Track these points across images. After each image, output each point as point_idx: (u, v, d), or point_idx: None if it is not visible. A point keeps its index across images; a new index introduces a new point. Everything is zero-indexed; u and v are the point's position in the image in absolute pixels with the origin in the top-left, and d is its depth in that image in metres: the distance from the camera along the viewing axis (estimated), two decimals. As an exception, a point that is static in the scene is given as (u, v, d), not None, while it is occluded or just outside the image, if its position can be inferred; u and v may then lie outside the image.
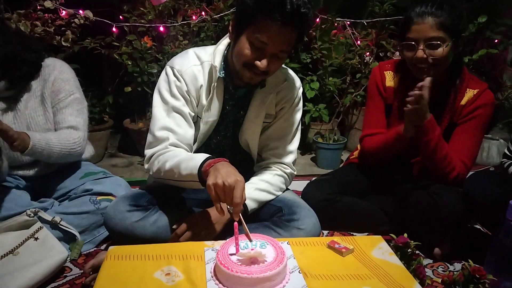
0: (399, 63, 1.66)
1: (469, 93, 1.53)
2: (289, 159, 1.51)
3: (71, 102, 1.60)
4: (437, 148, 1.46)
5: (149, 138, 1.35)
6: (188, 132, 1.35)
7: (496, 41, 2.74)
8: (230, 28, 1.29)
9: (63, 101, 1.59)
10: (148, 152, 1.34)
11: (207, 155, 1.22)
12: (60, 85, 1.58)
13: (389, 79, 1.65)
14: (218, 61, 1.32)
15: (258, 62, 1.22)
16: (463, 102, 1.53)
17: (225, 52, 1.36)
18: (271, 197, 1.44)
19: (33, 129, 1.55)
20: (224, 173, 1.10)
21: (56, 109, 1.59)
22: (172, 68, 1.34)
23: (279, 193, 1.48)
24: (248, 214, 1.35)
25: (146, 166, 1.36)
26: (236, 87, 1.39)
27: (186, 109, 1.34)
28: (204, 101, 1.36)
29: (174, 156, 1.27)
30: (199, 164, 1.18)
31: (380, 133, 1.64)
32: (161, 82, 1.36)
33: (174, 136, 1.32)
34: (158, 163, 1.29)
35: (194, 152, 1.42)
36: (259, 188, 1.40)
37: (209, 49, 1.38)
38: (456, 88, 1.54)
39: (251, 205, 1.36)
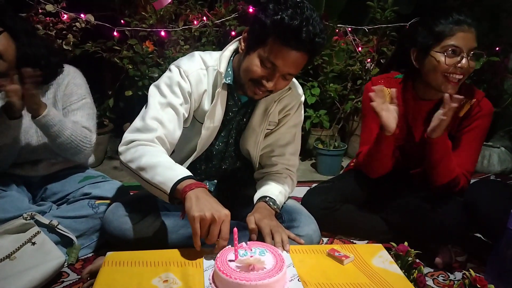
0: (391, 78, 1.64)
1: (467, 104, 1.50)
2: (296, 164, 1.52)
3: (83, 106, 1.63)
4: (449, 162, 1.46)
5: (137, 123, 1.27)
6: (176, 131, 1.31)
7: (497, 49, 2.74)
8: (242, 39, 1.28)
9: (75, 103, 1.62)
10: (130, 136, 1.25)
11: (188, 172, 1.17)
12: (72, 89, 1.62)
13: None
14: (223, 67, 1.31)
15: (265, 82, 1.22)
16: (461, 114, 1.50)
17: (231, 58, 1.35)
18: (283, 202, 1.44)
19: None
20: (211, 205, 1.08)
21: (68, 111, 1.61)
22: (178, 68, 1.32)
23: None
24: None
25: (121, 148, 1.25)
26: (240, 95, 1.39)
27: (182, 109, 1.31)
28: (206, 106, 1.35)
29: (155, 154, 1.20)
30: (177, 178, 1.13)
31: None
32: (164, 77, 1.33)
33: (163, 129, 1.26)
34: (135, 153, 1.20)
35: (194, 159, 1.42)
36: (282, 193, 1.41)
37: (215, 54, 1.37)
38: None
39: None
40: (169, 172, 1.16)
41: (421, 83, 1.53)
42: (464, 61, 1.38)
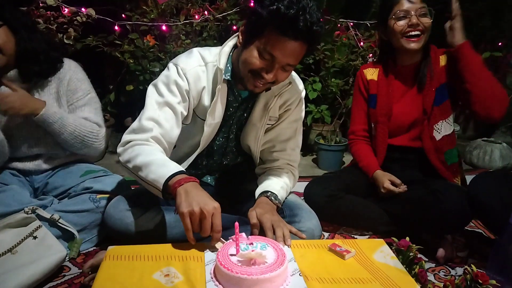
0: (377, 61, 1.84)
1: (443, 57, 1.67)
2: (297, 160, 1.52)
3: (89, 101, 1.65)
4: (489, 74, 1.51)
5: (134, 124, 1.29)
6: (174, 130, 1.31)
7: (500, 44, 2.73)
8: (240, 33, 1.28)
9: (81, 99, 1.63)
10: (126, 137, 1.28)
11: (180, 168, 1.18)
12: (76, 84, 1.63)
13: (370, 74, 1.80)
14: (223, 63, 1.30)
15: (264, 74, 1.21)
16: (442, 63, 1.66)
17: (230, 54, 1.34)
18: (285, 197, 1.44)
19: None
20: (199, 198, 1.08)
21: (75, 107, 1.62)
22: (176, 66, 1.31)
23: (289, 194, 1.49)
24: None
25: (119, 150, 1.28)
26: (240, 90, 1.38)
27: (180, 108, 1.31)
28: (206, 103, 1.35)
29: (150, 153, 1.22)
30: (168, 174, 1.14)
31: (364, 130, 1.82)
32: (161, 76, 1.34)
33: (159, 129, 1.27)
34: (131, 153, 1.23)
35: (197, 156, 1.42)
36: (283, 188, 1.41)
37: (214, 50, 1.36)
38: (430, 56, 1.67)
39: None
40: (161, 169, 1.17)
41: (396, 52, 1.71)
42: (414, 19, 1.57)
